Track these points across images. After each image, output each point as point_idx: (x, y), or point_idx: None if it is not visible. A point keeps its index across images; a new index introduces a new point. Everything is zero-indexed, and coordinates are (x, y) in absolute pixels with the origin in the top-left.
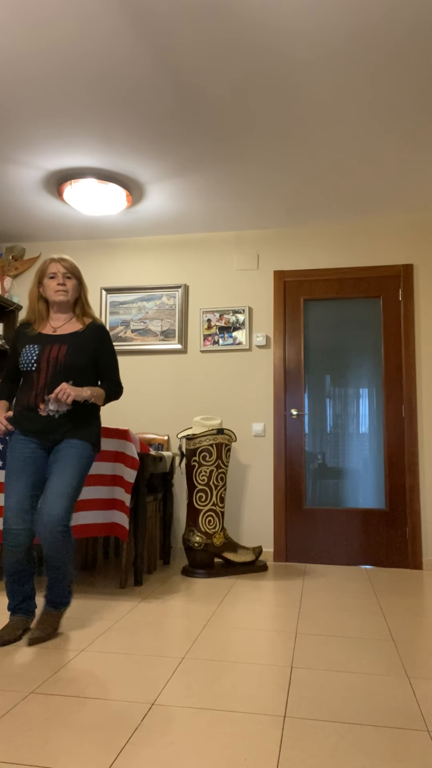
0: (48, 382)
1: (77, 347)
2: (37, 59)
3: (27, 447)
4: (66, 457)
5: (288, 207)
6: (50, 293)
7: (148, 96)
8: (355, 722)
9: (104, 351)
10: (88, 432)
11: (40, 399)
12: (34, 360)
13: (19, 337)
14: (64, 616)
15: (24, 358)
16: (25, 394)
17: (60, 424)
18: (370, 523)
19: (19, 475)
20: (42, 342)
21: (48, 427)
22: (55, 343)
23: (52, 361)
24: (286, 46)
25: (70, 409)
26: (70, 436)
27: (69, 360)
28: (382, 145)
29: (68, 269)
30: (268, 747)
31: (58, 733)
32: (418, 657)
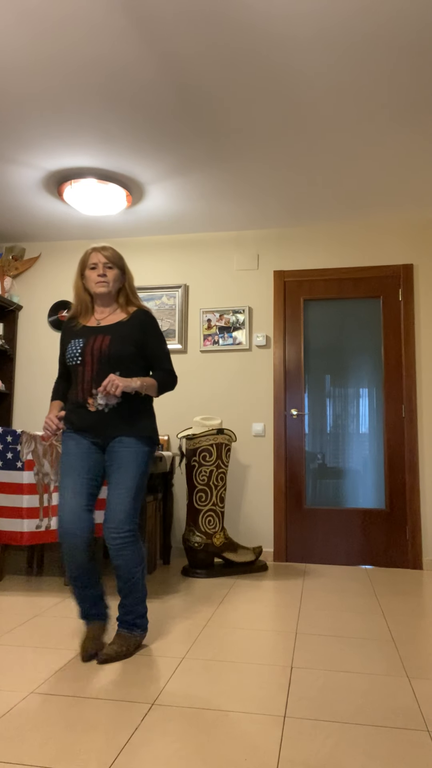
0: (94, 376)
1: (121, 336)
2: (37, 60)
3: (80, 444)
4: (121, 460)
5: (288, 207)
6: (91, 285)
7: (148, 96)
8: (355, 722)
9: (151, 338)
10: (142, 427)
11: (88, 394)
12: (78, 353)
13: (64, 333)
14: (138, 644)
15: (69, 353)
16: (74, 390)
17: (111, 419)
18: (370, 523)
19: (73, 473)
20: (86, 335)
21: (99, 423)
22: (98, 335)
23: (96, 353)
24: (287, 46)
25: (120, 402)
26: (122, 433)
27: (113, 350)
28: (382, 145)
29: (109, 259)
30: (268, 747)
31: (58, 733)
32: (418, 657)
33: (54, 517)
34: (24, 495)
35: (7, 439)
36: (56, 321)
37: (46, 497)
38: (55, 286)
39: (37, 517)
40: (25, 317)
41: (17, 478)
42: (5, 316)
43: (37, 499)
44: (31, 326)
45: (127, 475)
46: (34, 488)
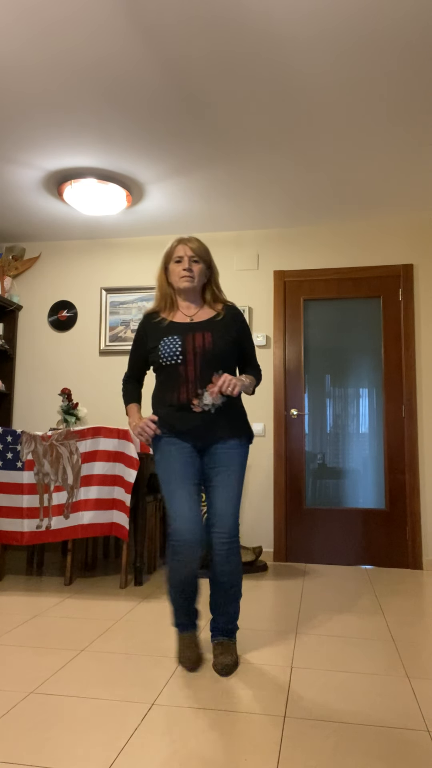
0: (198, 375)
1: (219, 333)
2: (38, 60)
3: (183, 449)
4: (228, 464)
5: (288, 207)
6: (175, 279)
7: (148, 96)
8: (355, 722)
9: (244, 335)
10: (243, 426)
11: (193, 394)
12: (178, 352)
13: (146, 329)
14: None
15: (165, 350)
16: (171, 391)
17: (216, 421)
18: (370, 523)
19: (184, 482)
20: (181, 331)
21: (204, 426)
22: (196, 332)
23: (199, 351)
24: (287, 47)
25: (224, 401)
26: (226, 435)
27: (216, 348)
28: (382, 146)
29: (196, 252)
30: (268, 747)
31: (58, 733)
32: (418, 657)
33: (54, 517)
34: (24, 495)
35: (7, 439)
36: (56, 321)
37: (46, 497)
38: (55, 286)
39: (38, 517)
40: (25, 317)
41: (17, 478)
42: (5, 316)
43: (37, 499)
44: (31, 326)
45: (233, 478)
46: (34, 488)
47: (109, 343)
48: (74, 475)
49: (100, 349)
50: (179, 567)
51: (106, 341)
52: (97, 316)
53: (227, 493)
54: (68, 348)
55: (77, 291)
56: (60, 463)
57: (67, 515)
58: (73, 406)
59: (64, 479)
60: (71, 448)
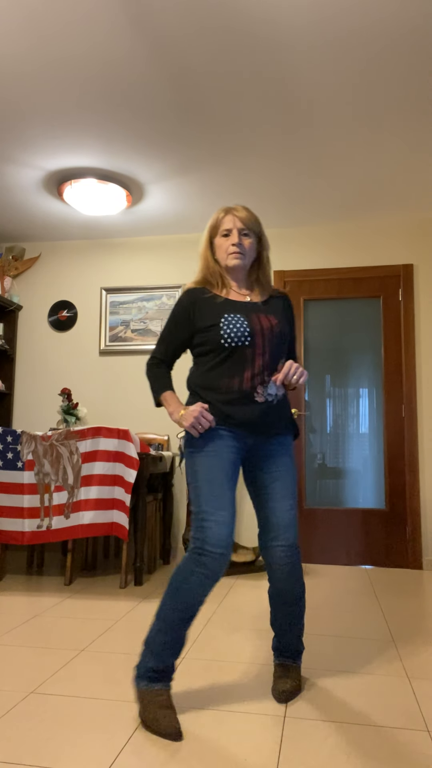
0: (266, 360)
1: (281, 318)
2: (37, 60)
3: (230, 445)
4: (285, 466)
5: (288, 207)
6: (222, 255)
7: (148, 96)
8: (355, 722)
9: (292, 325)
10: (293, 422)
11: (259, 382)
12: (247, 332)
13: (197, 304)
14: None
15: (231, 330)
16: (231, 376)
17: (277, 413)
18: (370, 523)
19: (229, 485)
20: (243, 310)
21: (265, 418)
22: (260, 312)
23: (267, 333)
24: (287, 48)
25: (284, 393)
26: (283, 430)
27: (283, 332)
28: (382, 145)
29: (246, 224)
30: (268, 747)
31: (58, 733)
32: (418, 657)
33: (55, 517)
34: (25, 495)
35: (7, 439)
36: (56, 321)
37: (46, 497)
38: (55, 286)
39: (38, 517)
40: (25, 317)
41: (18, 478)
42: (5, 316)
43: (38, 499)
44: (31, 326)
45: (292, 484)
46: (34, 488)
47: (109, 343)
48: (74, 475)
49: (100, 349)
50: (200, 582)
51: (106, 341)
52: (97, 316)
53: (286, 501)
54: (68, 348)
55: (77, 291)
56: (60, 463)
57: (68, 515)
58: (73, 406)
59: (64, 479)
60: (71, 448)
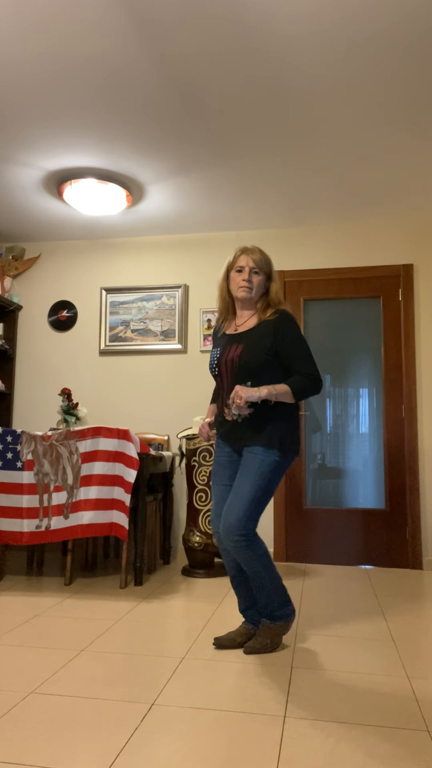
0: (228, 386)
1: (252, 345)
2: (37, 60)
3: (223, 451)
4: (245, 466)
5: (288, 207)
6: (234, 287)
7: (148, 96)
8: (355, 722)
9: (284, 341)
10: (269, 436)
11: (226, 403)
12: (215, 364)
13: (215, 338)
14: (276, 634)
15: (210, 362)
16: (216, 399)
17: (241, 429)
18: (370, 523)
19: (216, 479)
20: (224, 344)
21: (233, 433)
22: (233, 344)
23: (229, 364)
24: (288, 46)
25: (252, 412)
26: (250, 442)
27: (243, 360)
28: (382, 146)
29: (257, 263)
30: (268, 747)
31: (58, 733)
32: (418, 657)
33: (54, 517)
34: (24, 495)
35: (7, 439)
36: (56, 321)
37: (45, 497)
38: (55, 286)
39: (37, 517)
40: (25, 317)
41: (17, 478)
42: (5, 316)
43: (37, 499)
44: (31, 326)
45: (246, 481)
46: (34, 488)
47: (109, 343)
48: (74, 475)
49: (100, 349)
50: (222, 555)
51: (106, 341)
52: (97, 316)
53: (235, 495)
54: (68, 348)
55: (77, 291)
56: (60, 463)
57: (67, 515)
58: (73, 406)
59: (64, 479)
60: (71, 448)
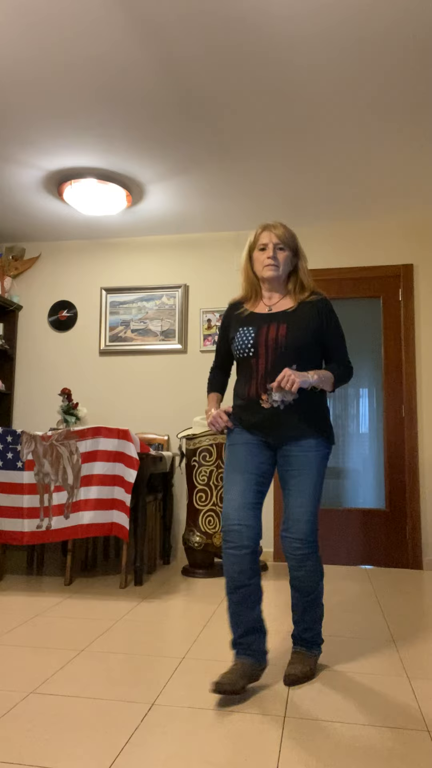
0: (269, 369)
1: (297, 324)
2: (37, 60)
3: (249, 442)
4: (302, 466)
5: (288, 207)
6: (259, 267)
7: (148, 96)
8: (355, 722)
9: (330, 327)
10: (320, 426)
11: (262, 389)
12: (250, 344)
13: (229, 320)
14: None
15: (239, 343)
16: (244, 384)
17: (287, 418)
18: (370, 523)
19: (242, 470)
20: (257, 322)
21: (273, 422)
22: (272, 323)
23: (271, 344)
24: (287, 45)
25: (296, 398)
26: (300, 434)
27: (290, 340)
28: (382, 146)
29: (281, 239)
30: (268, 747)
31: (58, 733)
32: (418, 657)
33: (54, 517)
34: (24, 495)
35: (7, 439)
36: (56, 321)
37: (46, 497)
38: (55, 286)
39: (38, 517)
40: (25, 317)
41: (17, 478)
42: (5, 316)
43: (38, 499)
44: (31, 326)
45: (308, 480)
46: (34, 488)
47: (109, 343)
48: (74, 475)
49: (100, 349)
50: (227, 559)
51: (106, 341)
52: (97, 316)
53: (300, 497)
54: (68, 348)
55: (77, 291)
56: (60, 463)
57: (67, 515)
58: (73, 406)
59: (64, 479)
60: (71, 448)
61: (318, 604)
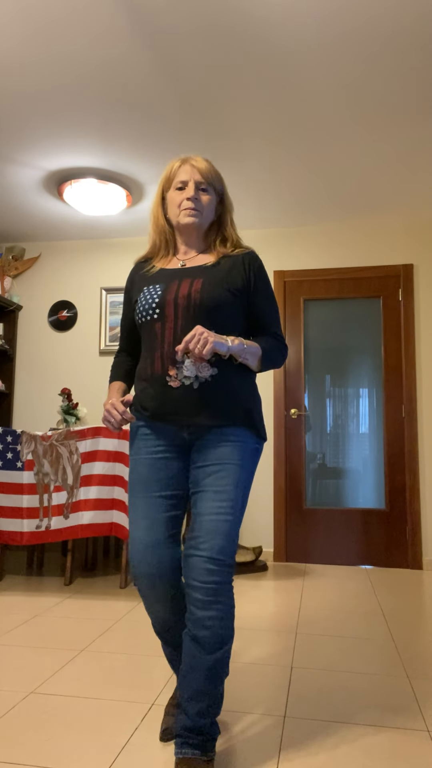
0: (178, 334)
1: (216, 279)
2: (37, 60)
3: (151, 445)
4: (222, 458)
5: (288, 207)
6: (174, 212)
7: (148, 96)
8: (355, 722)
9: (260, 288)
10: (249, 412)
11: (169, 361)
12: (154, 304)
13: (134, 280)
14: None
15: (141, 304)
16: (147, 357)
17: (204, 398)
18: (370, 523)
19: (144, 490)
20: (166, 279)
21: (185, 405)
22: (185, 278)
23: (181, 302)
24: (287, 46)
25: (214, 373)
26: (218, 419)
27: (206, 298)
28: (382, 145)
29: (206, 177)
30: (268, 747)
31: (58, 733)
32: (418, 657)
33: (54, 517)
34: (24, 495)
35: (7, 439)
36: (56, 321)
37: (46, 497)
38: (55, 286)
39: (37, 517)
40: (25, 317)
41: (17, 478)
42: (5, 316)
43: (37, 499)
44: (31, 326)
45: (230, 478)
46: (34, 488)
47: (109, 343)
48: (74, 475)
49: (100, 349)
50: (145, 602)
51: (106, 341)
52: (97, 316)
53: (219, 500)
54: (68, 348)
55: (77, 291)
56: (60, 463)
57: (67, 515)
58: (73, 406)
59: (64, 479)
60: (71, 448)
61: (226, 668)
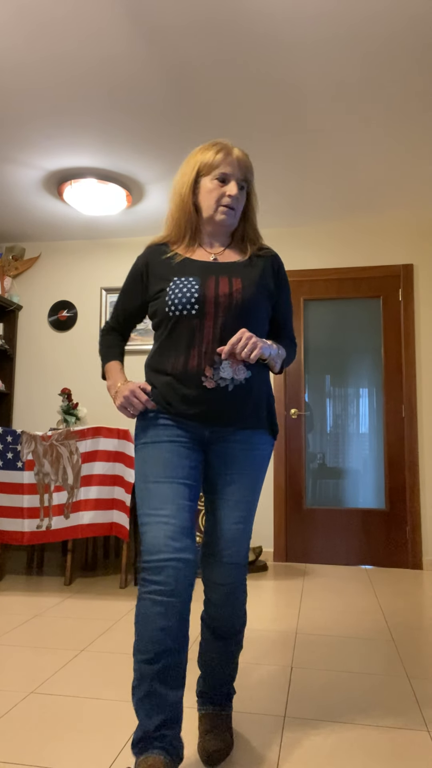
0: (217, 334)
1: (253, 280)
2: (37, 60)
3: (178, 437)
4: (244, 469)
5: (288, 207)
6: (209, 203)
7: (147, 96)
8: (355, 722)
9: (284, 292)
10: (272, 415)
11: (207, 361)
12: (193, 299)
13: (151, 265)
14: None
15: (175, 296)
16: (176, 354)
17: (235, 402)
18: (370, 523)
19: (169, 474)
20: (200, 272)
21: (216, 408)
22: (222, 275)
23: (223, 300)
24: (285, 46)
25: (248, 377)
26: (246, 422)
27: (247, 299)
28: (382, 146)
29: (245, 174)
30: (268, 747)
31: (58, 733)
32: (418, 657)
33: (55, 517)
34: (24, 495)
35: (7, 439)
36: (56, 321)
37: (46, 497)
38: (55, 286)
39: (38, 517)
40: (25, 317)
41: (17, 478)
42: (5, 316)
43: (38, 499)
44: (31, 326)
45: (250, 489)
46: (34, 488)
47: None
48: (74, 475)
49: None
50: (154, 604)
51: None
52: (97, 316)
53: (240, 510)
54: (68, 348)
55: (77, 291)
56: (60, 463)
57: (68, 515)
58: (73, 406)
59: (64, 479)
60: (71, 448)
61: (240, 647)
